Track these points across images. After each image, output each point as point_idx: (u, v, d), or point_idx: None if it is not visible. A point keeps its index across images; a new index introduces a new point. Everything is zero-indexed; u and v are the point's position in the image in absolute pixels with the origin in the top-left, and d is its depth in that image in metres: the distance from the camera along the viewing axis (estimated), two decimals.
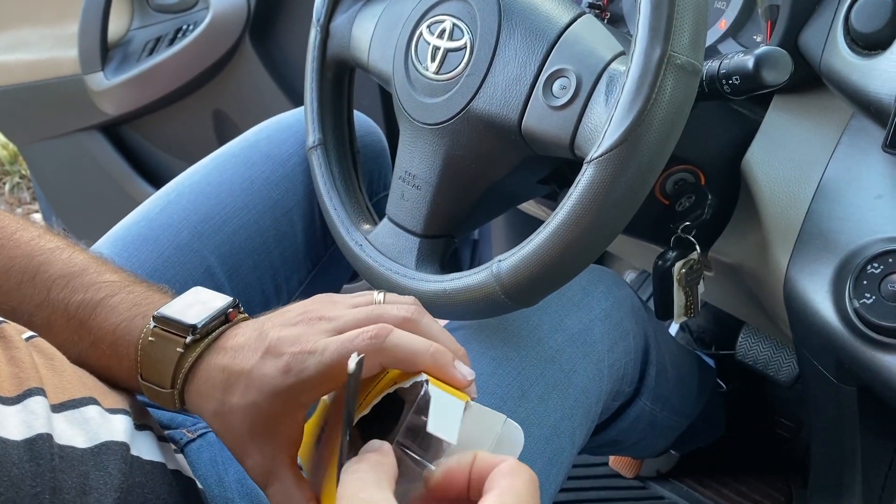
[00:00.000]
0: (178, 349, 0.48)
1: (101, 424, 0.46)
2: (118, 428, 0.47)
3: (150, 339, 0.48)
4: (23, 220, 0.55)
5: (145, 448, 0.49)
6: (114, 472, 0.44)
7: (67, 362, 0.48)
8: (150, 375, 0.49)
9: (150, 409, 0.57)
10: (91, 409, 0.46)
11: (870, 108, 0.57)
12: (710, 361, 1.03)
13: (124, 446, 0.46)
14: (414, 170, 0.64)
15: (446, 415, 0.42)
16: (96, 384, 0.49)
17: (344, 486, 0.38)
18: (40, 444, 0.41)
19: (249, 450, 0.46)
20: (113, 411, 0.48)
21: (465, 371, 0.45)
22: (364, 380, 0.46)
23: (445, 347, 0.45)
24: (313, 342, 0.45)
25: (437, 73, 0.61)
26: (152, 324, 0.49)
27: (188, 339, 0.48)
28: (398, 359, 0.44)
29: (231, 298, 0.50)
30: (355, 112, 0.77)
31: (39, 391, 0.43)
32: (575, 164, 0.54)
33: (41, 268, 0.51)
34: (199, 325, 0.48)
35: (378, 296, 0.50)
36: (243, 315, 0.51)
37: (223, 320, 0.50)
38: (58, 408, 0.44)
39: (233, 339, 0.48)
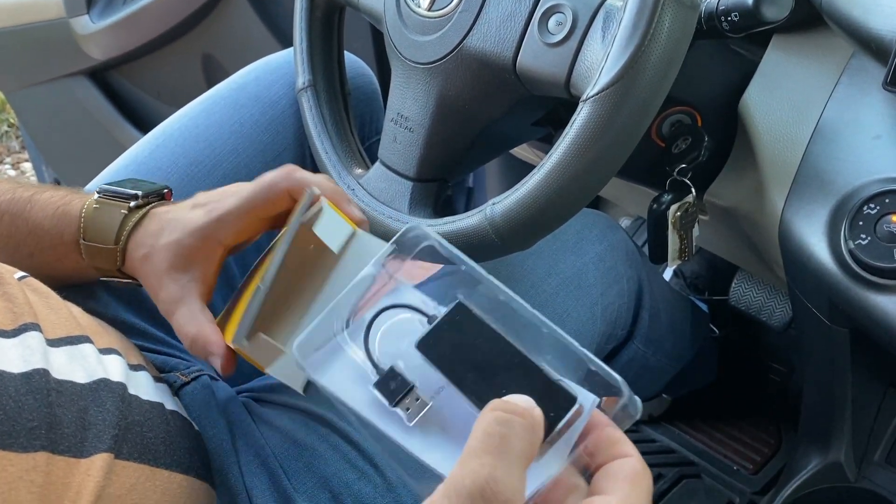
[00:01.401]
0: (123, 211, 0.55)
1: (96, 363, 0.46)
2: (113, 367, 0.47)
3: (94, 206, 0.55)
4: None
5: (143, 388, 0.49)
6: (111, 409, 0.44)
7: (61, 301, 0.48)
8: (93, 237, 0.55)
9: (146, 353, 0.57)
10: (86, 347, 0.46)
11: (870, 45, 0.56)
12: (704, 307, 1.03)
13: (121, 385, 0.46)
14: (406, 111, 0.63)
15: (334, 229, 0.50)
16: (89, 324, 0.49)
17: (481, 468, 0.31)
18: (37, 379, 0.41)
19: (165, 282, 0.52)
20: (105, 351, 0.48)
21: (357, 210, 0.52)
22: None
23: None
24: (236, 188, 0.53)
25: (429, 9, 0.59)
26: (96, 195, 0.56)
27: (132, 203, 0.55)
28: (302, 185, 0.51)
29: (165, 184, 0.59)
30: (346, 53, 0.75)
31: (35, 326, 0.43)
32: (570, 105, 0.53)
33: None
34: (141, 195, 0.56)
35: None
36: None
37: (161, 198, 0.58)
38: (55, 343, 0.44)
39: (171, 204, 0.56)
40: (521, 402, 0.33)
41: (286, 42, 1.19)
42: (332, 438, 0.56)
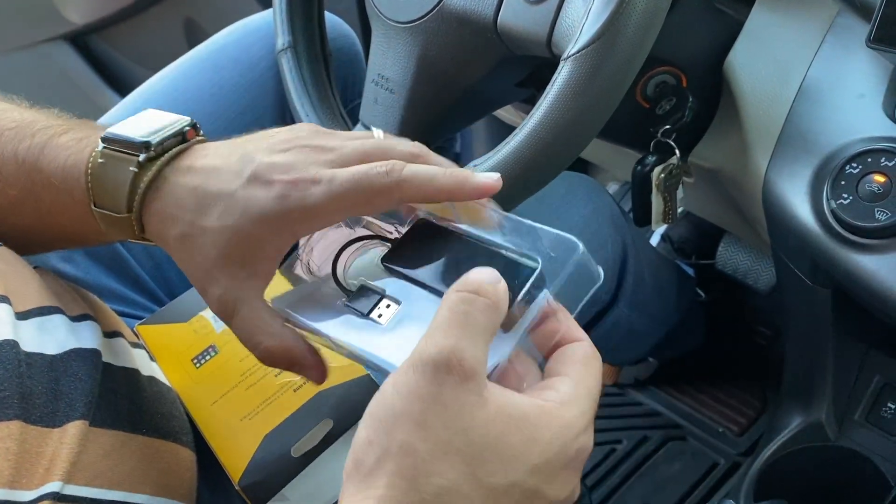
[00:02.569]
0: (132, 168, 0.42)
1: (68, 333, 0.45)
2: (86, 335, 0.46)
3: (99, 160, 0.43)
4: None
5: (119, 354, 0.49)
6: (84, 377, 0.44)
7: (32, 271, 0.48)
8: (103, 201, 0.43)
9: (126, 318, 0.57)
10: (57, 318, 0.45)
11: (855, 2, 0.55)
12: (690, 271, 1.04)
13: (95, 353, 0.46)
14: (387, 72, 0.62)
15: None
16: (62, 292, 0.48)
17: (445, 338, 0.32)
18: (7, 351, 0.41)
19: (217, 276, 0.41)
20: (78, 318, 0.47)
21: (487, 176, 0.41)
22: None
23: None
24: (315, 171, 0.40)
25: None
26: (101, 146, 0.44)
27: (141, 157, 0.42)
28: (416, 188, 0.40)
29: (188, 118, 0.45)
30: (327, 14, 0.74)
31: (4, 299, 0.43)
32: (553, 65, 0.53)
33: None
34: (154, 143, 0.43)
35: (377, 132, 0.47)
36: (202, 136, 0.46)
37: (181, 139, 0.44)
38: (23, 315, 0.44)
39: (202, 160, 0.43)
40: (484, 275, 0.34)
41: (268, 5, 1.17)
42: None
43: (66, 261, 0.60)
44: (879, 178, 0.53)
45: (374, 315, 0.40)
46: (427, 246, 0.41)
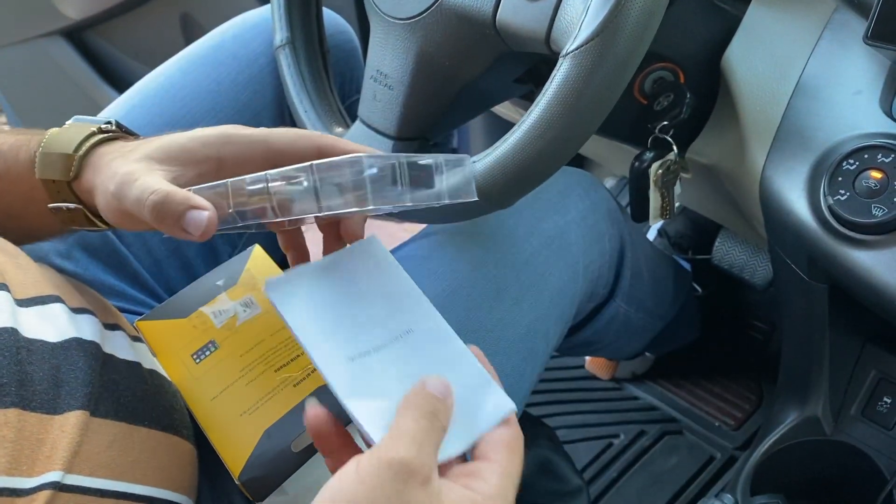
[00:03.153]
0: (93, 128, 0.48)
1: (68, 322, 0.45)
2: (86, 327, 0.47)
3: (63, 126, 0.49)
4: None
5: (119, 347, 0.49)
6: (84, 367, 0.44)
7: (32, 261, 0.48)
8: (52, 146, 0.48)
9: (125, 314, 0.57)
10: (57, 307, 0.46)
11: None
12: (687, 266, 1.04)
13: (94, 344, 0.46)
14: (386, 68, 0.62)
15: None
16: (61, 284, 0.48)
17: (407, 449, 0.36)
18: (6, 337, 0.41)
19: (132, 164, 0.45)
20: (78, 311, 0.47)
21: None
22: None
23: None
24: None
25: None
26: (70, 121, 0.50)
27: (103, 125, 0.49)
28: (335, 143, 0.47)
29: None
30: (325, 10, 0.74)
31: (2, 286, 0.43)
32: (552, 62, 0.53)
33: None
34: (115, 124, 0.50)
35: None
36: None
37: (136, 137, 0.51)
38: (24, 303, 0.44)
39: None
40: (446, 389, 0.39)
41: (266, 1, 1.17)
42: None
43: (65, 258, 0.60)
44: (876, 175, 0.53)
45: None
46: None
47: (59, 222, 0.49)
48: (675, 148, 0.66)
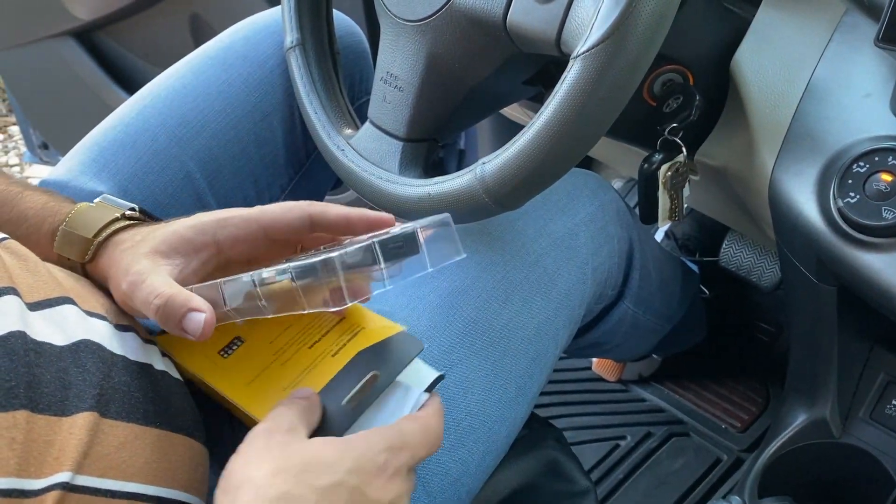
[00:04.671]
0: (116, 214, 0.53)
1: (78, 323, 0.46)
2: (97, 328, 0.47)
3: (90, 204, 0.54)
4: None
5: (130, 348, 0.49)
6: (93, 369, 0.44)
7: (42, 263, 0.48)
8: (75, 225, 0.52)
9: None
10: (67, 309, 0.46)
11: (863, 1, 0.55)
12: (694, 267, 1.04)
13: (102, 347, 0.46)
14: (396, 70, 0.62)
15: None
16: (72, 286, 0.49)
17: (267, 422, 0.44)
18: (13, 341, 0.41)
19: (140, 260, 0.49)
20: (89, 313, 0.47)
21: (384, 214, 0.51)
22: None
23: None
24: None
25: None
26: (98, 199, 0.55)
27: (128, 211, 0.54)
28: (326, 211, 0.51)
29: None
30: (335, 12, 0.74)
31: (12, 290, 0.43)
32: (561, 63, 0.53)
33: None
34: (139, 209, 0.55)
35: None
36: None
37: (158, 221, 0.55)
38: (33, 306, 0.44)
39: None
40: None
41: (274, 1, 1.17)
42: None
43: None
44: (886, 177, 0.53)
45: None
46: None
47: None
48: (684, 150, 0.66)
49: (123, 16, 1.27)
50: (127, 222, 0.53)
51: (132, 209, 0.54)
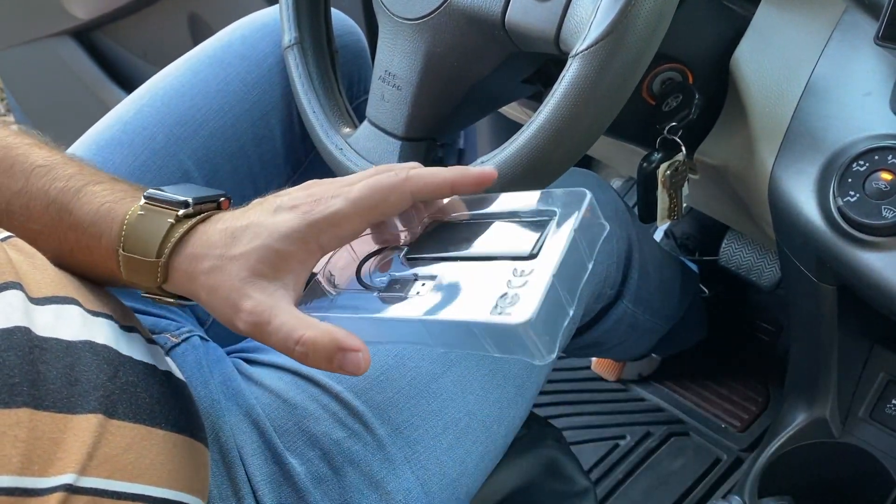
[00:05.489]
0: (170, 220, 0.46)
1: (83, 324, 0.45)
2: (103, 329, 0.46)
3: (139, 213, 0.47)
4: None
5: (135, 349, 0.49)
6: (99, 369, 0.44)
7: (48, 262, 0.48)
8: (133, 247, 0.47)
9: (136, 314, 0.57)
10: (72, 309, 0.46)
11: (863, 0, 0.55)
12: (694, 267, 1.04)
13: (110, 347, 0.46)
14: (394, 69, 0.62)
15: None
16: (78, 287, 0.48)
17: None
18: (19, 336, 0.41)
19: (248, 292, 0.43)
20: (94, 314, 0.47)
21: (484, 167, 0.46)
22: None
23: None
24: (334, 191, 0.45)
25: None
26: (143, 201, 0.48)
27: (181, 211, 0.47)
28: (423, 182, 0.45)
29: (222, 192, 0.50)
30: (333, 10, 0.74)
31: (16, 285, 0.43)
32: (560, 62, 0.53)
33: (18, 159, 0.50)
34: (192, 202, 0.47)
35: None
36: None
37: (216, 206, 0.49)
38: (39, 301, 0.44)
39: (231, 212, 0.48)
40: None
41: (272, 0, 1.17)
42: (322, 398, 0.56)
43: None
44: (886, 176, 0.53)
45: (412, 293, 0.42)
46: (444, 234, 0.45)
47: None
48: (683, 149, 0.66)
49: (122, 15, 1.27)
50: (186, 226, 0.47)
51: (185, 204, 0.47)
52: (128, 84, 1.32)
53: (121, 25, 1.29)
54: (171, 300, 0.49)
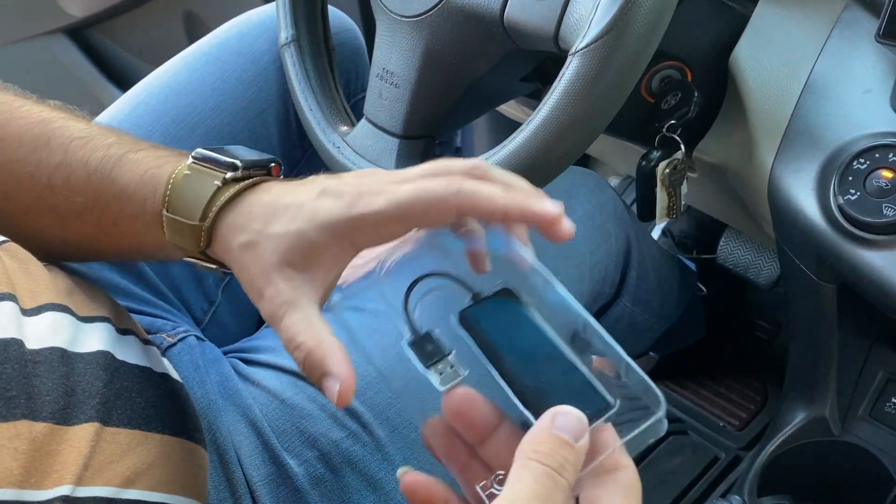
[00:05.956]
0: (217, 182, 0.44)
1: (75, 334, 0.45)
2: (97, 336, 0.46)
3: (185, 172, 0.45)
4: (27, 98, 0.52)
5: (131, 352, 0.48)
6: (91, 378, 0.44)
7: (42, 268, 0.47)
8: (177, 209, 0.45)
9: (131, 314, 0.56)
10: (65, 317, 0.45)
11: None
12: (692, 265, 1.04)
13: (104, 354, 0.45)
14: (392, 66, 0.62)
15: None
16: (71, 292, 0.48)
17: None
18: (13, 349, 0.40)
19: (274, 279, 0.41)
20: (90, 319, 0.47)
21: (549, 204, 0.40)
22: None
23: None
24: (381, 187, 0.41)
25: None
26: (189, 160, 0.46)
27: (228, 175, 0.44)
28: (474, 201, 0.40)
29: (273, 156, 0.48)
30: (330, 8, 0.73)
31: (9, 296, 0.42)
32: (559, 60, 0.52)
33: (56, 132, 0.48)
34: (241, 165, 0.45)
35: None
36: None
37: (266, 171, 0.46)
38: (31, 312, 0.43)
39: (281, 183, 0.45)
40: (570, 455, 0.32)
41: None
42: (320, 398, 0.56)
43: None
44: (887, 174, 0.53)
45: (431, 372, 0.38)
46: (506, 324, 0.39)
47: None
48: (682, 147, 0.66)
49: (117, 13, 1.26)
50: (233, 191, 0.44)
51: (233, 166, 0.45)
52: (123, 82, 1.32)
53: (116, 23, 1.29)
54: (213, 266, 0.46)
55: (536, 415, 0.34)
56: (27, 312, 0.43)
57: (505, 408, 0.36)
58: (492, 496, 0.35)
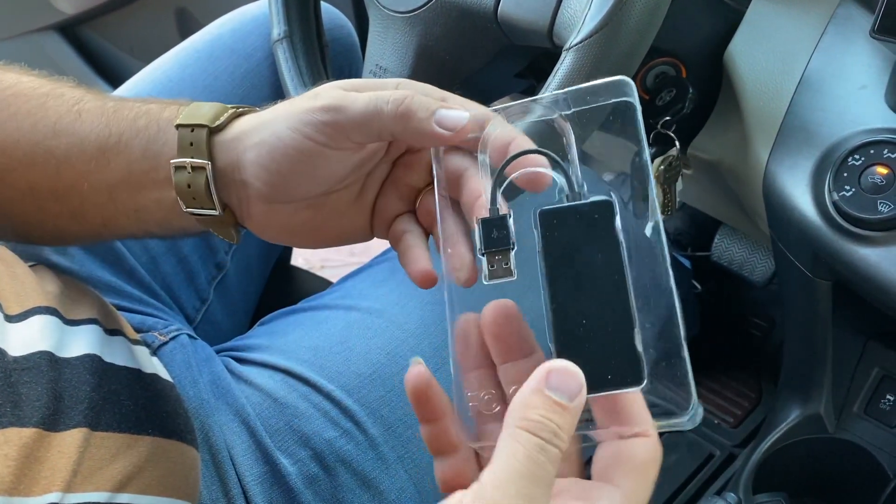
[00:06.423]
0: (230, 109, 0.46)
1: (62, 337, 0.44)
2: (85, 339, 0.46)
3: (193, 102, 0.46)
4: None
5: (119, 354, 0.48)
6: (78, 384, 0.43)
7: (29, 271, 0.47)
8: (188, 116, 0.45)
9: (122, 312, 0.56)
10: (52, 321, 0.45)
11: None
12: (686, 262, 1.04)
13: (92, 358, 0.45)
14: (385, 63, 0.61)
15: None
16: (59, 293, 0.47)
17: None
18: None
19: (313, 104, 0.43)
20: (76, 322, 0.46)
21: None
22: None
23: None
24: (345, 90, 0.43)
25: None
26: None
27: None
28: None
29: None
30: (323, 4, 0.73)
31: None
32: (553, 56, 0.52)
33: (66, 92, 0.49)
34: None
35: None
36: None
37: None
38: (15, 318, 0.43)
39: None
40: (562, 420, 0.30)
41: None
42: (313, 397, 0.56)
43: (61, 254, 0.59)
44: (882, 170, 0.52)
45: (485, 260, 0.35)
46: (588, 243, 0.34)
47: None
48: (677, 144, 0.65)
49: (108, 9, 1.25)
50: (237, 110, 0.47)
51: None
52: (114, 79, 1.31)
53: (107, 20, 1.28)
54: (216, 202, 0.44)
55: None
56: (12, 319, 0.42)
57: (538, 338, 0.34)
58: (480, 416, 0.32)
